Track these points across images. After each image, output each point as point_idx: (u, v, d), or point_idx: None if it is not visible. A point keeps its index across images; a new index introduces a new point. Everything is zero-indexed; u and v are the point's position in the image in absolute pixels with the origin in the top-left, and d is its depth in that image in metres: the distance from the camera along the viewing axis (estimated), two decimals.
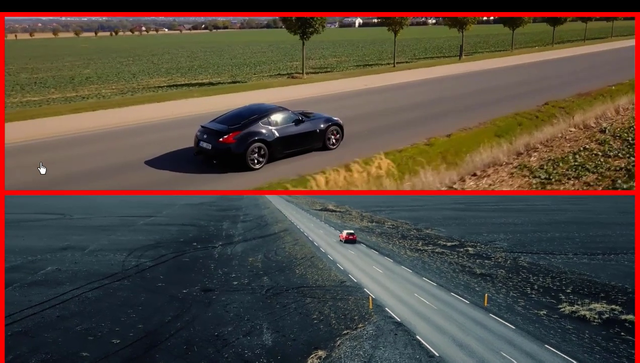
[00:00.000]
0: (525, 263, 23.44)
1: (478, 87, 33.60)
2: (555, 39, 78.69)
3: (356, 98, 28.21)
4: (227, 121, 18.74)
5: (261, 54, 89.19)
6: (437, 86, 33.75)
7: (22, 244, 30.00)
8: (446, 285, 17.63)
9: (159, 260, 24.94)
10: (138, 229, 38.33)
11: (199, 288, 19.06)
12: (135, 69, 61.62)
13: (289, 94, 29.53)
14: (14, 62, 73.20)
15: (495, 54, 65.98)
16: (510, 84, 34.74)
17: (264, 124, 18.30)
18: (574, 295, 17.39)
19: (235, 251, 27.90)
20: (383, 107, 24.26)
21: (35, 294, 17.59)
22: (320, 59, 72.16)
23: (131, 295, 17.79)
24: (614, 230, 36.14)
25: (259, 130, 18.04)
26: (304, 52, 42.11)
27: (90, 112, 23.81)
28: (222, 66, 64.09)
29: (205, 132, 18.43)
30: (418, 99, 27.53)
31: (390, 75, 41.94)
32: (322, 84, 35.74)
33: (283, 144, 18.35)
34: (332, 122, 20.12)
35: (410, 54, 75.01)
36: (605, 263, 23.50)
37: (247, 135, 17.68)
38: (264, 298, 17.12)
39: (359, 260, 22.80)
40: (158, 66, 66.53)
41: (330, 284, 18.09)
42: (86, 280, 19.88)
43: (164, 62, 73.68)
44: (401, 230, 37.53)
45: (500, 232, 35.20)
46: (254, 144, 17.56)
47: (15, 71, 58.78)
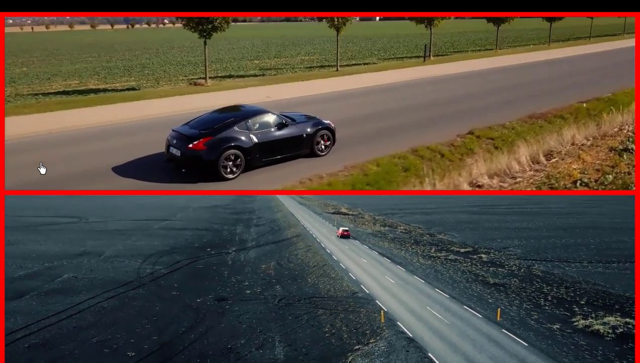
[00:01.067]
0: (539, 271, 23.31)
1: (407, 103, 28.78)
2: (556, 37, 70.40)
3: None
4: (200, 125, 17.33)
5: (188, 52, 78.78)
6: (353, 102, 29.28)
7: (40, 249, 30.53)
8: (459, 297, 17.60)
9: (174, 267, 25.22)
10: (153, 233, 38.75)
11: (213, 297, 19.25)
12: (60, 69, 55.16)
13: (165, 107, 26.46)
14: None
15: (472, 55, 58.59)
16: (448, 99, 29.55)
17: (241, 128, 16.84)
18: (588, 307, 17.28)
19: (248, 257, 28.10)
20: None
21: (52, 303, 17.92)
22: (266, 60, 61.56)
23: (146, 304, 18.03)
24: (630, 235, 35.71)
25: (234, 135, 16.54)
26: (207, 53, 36.86)
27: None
28: (134, 67, 55.84)
29: (176, 136, 17.04)
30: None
31: (320, 83, 36.36)
32: (216, 95, 31.06)
33: (263, 151, 16.93)
34: (322, 126, 18.54)
35: (375, 55, 66.01)
36: (620, 272, 23.28)
37: (219, 141, 16.26)
38: (277, 308, 17.25)
39: (371, 268, 22.84)
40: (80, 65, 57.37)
41: (342, 295, 18.18)
42: (102, 288, 20.19)
43: (80, 61, 64.18)
44: (414, 234, 37.47)
45: (514, 238, 34.99)
46: (227, 151, 16.16)
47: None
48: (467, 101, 29.03)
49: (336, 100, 30.04)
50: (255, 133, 17.07)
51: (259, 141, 16.93)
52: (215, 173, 16.06)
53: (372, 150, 19.08)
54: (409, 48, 77.26)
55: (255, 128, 17.25)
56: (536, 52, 57.94)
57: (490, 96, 30.58)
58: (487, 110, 26.25)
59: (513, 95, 30.70)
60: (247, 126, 17.09)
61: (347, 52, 70.08)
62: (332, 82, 36.83)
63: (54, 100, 32.49)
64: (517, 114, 24.89)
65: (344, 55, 63.53)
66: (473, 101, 29.02)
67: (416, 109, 27.24)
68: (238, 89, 34.64)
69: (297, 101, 29.02)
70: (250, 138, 16.77)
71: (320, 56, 67.60)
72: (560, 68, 44.33)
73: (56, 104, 29.71)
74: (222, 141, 16.31)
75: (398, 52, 71.09)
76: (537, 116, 25.02)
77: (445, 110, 26.64)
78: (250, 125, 17.18)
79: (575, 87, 32.25)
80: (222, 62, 60.49)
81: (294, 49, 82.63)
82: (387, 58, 61.75)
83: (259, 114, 17.69)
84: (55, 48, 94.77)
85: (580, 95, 29.38)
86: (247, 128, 17.04)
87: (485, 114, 24.96)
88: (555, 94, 30.36)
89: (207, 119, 17.86)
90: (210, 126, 17.02)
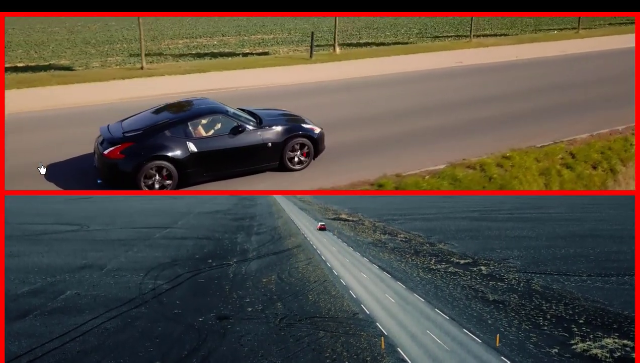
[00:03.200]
0: (538, 286, 23.48)
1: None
2: (537, 26, 52.85)
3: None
4: (134, 124, 14.49)
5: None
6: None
7: (43, 262, 30.72)
8: (459, 318, 17.77)
9: (176, 282, 25.40)
10: (155, 243, 38.95)
11: (215, 315, 19.42)
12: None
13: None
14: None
15: (412, 48, 39.21)
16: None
17: (175, 134, 13.79)
18: (586, 327, 17.45)
19: (249, 270, 28.28)
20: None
21: (55, 324, 18.09)
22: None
23: (149, 324, 18.20)
24: (630, 245, 35.88)
25: (163, 143, 13.50)
26: (142, 31, 31.42)
27: None
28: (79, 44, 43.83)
29: (103, 136, 14.34)
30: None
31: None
32: (136, 83, 27.17)
33: (204, 164, 13.98)
34: (299, 132, 15.31)
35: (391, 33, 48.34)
36: (618, 287, 23.45)
37: (141, 150, 13.37)
38: (278, 329, 17.41)
39: (371, 285, 23.02)
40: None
41: (342, 315, 18.35)
42: (105, 307, 20.36)
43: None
44: (414, 244, 37.64)
45: (514, 248, 35.16)
46: (151, 162, 13.26)
47: None
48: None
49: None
50: (195, 141, 13.99)
51: (199, 150, 13.86)
52: (136, 188, 13.33)
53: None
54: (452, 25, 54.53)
55: (197, 134, 14.20)
56: (509, 46, 40.51)
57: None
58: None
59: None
60: (184, 131, 14.03)
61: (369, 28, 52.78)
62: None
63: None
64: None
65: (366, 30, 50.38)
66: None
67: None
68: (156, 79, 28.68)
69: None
70: (186, 147, 13.74)
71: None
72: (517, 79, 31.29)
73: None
74: (145, 150, 13.39)
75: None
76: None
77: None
78: (190, 130, 14.13)
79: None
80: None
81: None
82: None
83: (205, 115, 14.60)
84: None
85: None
86: (184, 134, 13.97)
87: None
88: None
89: (141, 119, 14.94)
90: (138, 129, 14.08)
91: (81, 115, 22.05)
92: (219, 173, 14.63)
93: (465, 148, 19.13)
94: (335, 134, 18.73)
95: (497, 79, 30.42)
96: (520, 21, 58.86)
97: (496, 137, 20.40)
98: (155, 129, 14.02)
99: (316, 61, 34.09)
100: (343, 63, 33.80)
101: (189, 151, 13.84)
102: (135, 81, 28.27)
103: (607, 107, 24.78)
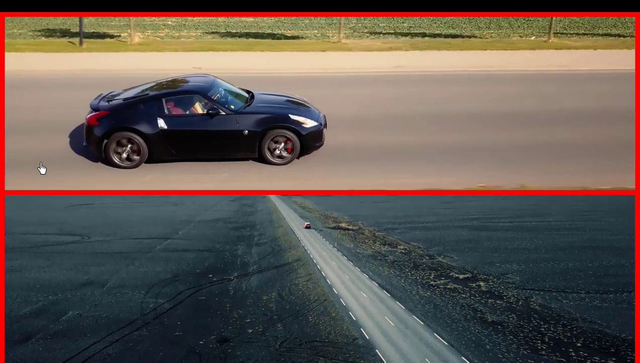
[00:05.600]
0: (537, 305, 23.65)
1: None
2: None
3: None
4: (125, 95, 15.25)
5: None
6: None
7: (44, 278, 30.90)
8: (457, 344, 17.95)
9: (177, 300, 25.58)
10: (155, 256, 39.14)
11: (215, 338, 19.59)
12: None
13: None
14: None
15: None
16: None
17: (148, 109, 14.22)
18: (584, 350, 17.65)
19: (250, 286, 28.47)
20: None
21: (58, 349, 18.28)
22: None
23: (150, 349, 18.38)
24: (629, 258, 36.05)
25: (135, 116, 14.14)
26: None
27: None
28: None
29: (90, 103, 15.47)
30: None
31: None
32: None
33: (173, 142, 14.31)
34: (284, 123, 14.65)
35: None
36: (616, 306, 23.62)
37: (113, 119, 14.19)
38: (278, 354, 17.59)
39: (371, 306, 23.18)
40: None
41: (342, 340, 18.52)
42: (107, 329, 20.53)
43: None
44: (413, 256, 37.83)
45: (513, 261, 35.34)
46: (120, 132, 14.08)
47: None
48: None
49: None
50: (166, 118, 14.34)
51: (169, 128, 14.26)
52: (104, 155, 14.29)
53: None
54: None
55: (171, 111, 14.52)
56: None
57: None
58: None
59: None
60: (158, 107, 14.38)
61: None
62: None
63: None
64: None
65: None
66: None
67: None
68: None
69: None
70: (156, 123, 14.24)
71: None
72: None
73: None
74: (117, 120, 14.17)
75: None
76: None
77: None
78: (164, 107, 14.46)
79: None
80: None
81: None
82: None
83: (182, 94, 14.78)
84: None
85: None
86: (157, 110, 14.33)
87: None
88: None
89: (134, 91, 15.62)
90: (121, 100, 14.88)
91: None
92: (189, 155, 14.70)
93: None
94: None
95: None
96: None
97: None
98: (132, 102, 14.59)
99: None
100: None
101: (158, 127, 14.24)
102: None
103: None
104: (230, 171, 15.74)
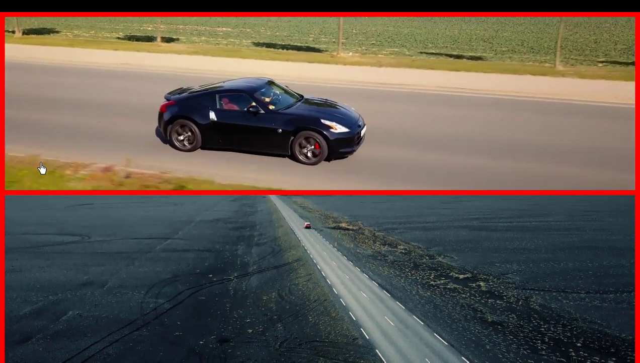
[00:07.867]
0: (537, 305, 23.64)
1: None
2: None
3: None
4: (197, 90, 17.50)
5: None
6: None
7: (44, 278, 30.90)
8: (457, 344, 17.95)
9: (177, 300, 25.58)
10: (155, 257, 39.14)
11: (215, 338, 19.60)
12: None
13: None
14: None
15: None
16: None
17: (205, 102, 16.43)
18: (584, 350, 17.64)
19: (250, 286, 28.46)
20: None
21: (58, 349, 18.28)
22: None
23: (150, 349, 18.38)
24: (629, 258, 36.04)
25: (193, 107, 16.36)
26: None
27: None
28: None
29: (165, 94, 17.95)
30: None
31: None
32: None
33: (221, 133, 16.33)
34: (314, 125, 15.56)
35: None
36: (616, 306, 23.60)
37: (176, 108, 16.56)
38: (278, 354, 17.59)
39: (371, 306, 23.18)
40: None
41: (342, 340, 18.52)
42: (107, 329, 20.54)
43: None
44: (413, 256, 37.81)
45: (513, 261, 35.32)
46: (179, 119, 16.36)
47: None
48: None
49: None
50: (217, 111, 16.46)
51: (218, 120, 16.33)
52: (168, 138, 16.74)
53: None
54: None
55: (222, 106, 16.66)
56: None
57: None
58: None
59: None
60: (212, 101, 16.58)
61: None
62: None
63: None
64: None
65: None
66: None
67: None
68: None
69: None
70: (208, 115, 16.37)
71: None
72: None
73: None
74: (179, 109, 16.54)
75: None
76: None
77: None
78: (217, 102, 16.63)
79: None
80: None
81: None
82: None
83: (234, 92, 16.78)
84: None
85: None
86: (212, 103, 16.54)
87: None
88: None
89: (205, 87, 17.86)
90: (190, 93, 17.34)
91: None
92: (232, 146, 16.56)
93: None
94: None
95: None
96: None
97: None
98: (193, 96, 16.89)
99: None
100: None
101: (210, 119, 16.30)
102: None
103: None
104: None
